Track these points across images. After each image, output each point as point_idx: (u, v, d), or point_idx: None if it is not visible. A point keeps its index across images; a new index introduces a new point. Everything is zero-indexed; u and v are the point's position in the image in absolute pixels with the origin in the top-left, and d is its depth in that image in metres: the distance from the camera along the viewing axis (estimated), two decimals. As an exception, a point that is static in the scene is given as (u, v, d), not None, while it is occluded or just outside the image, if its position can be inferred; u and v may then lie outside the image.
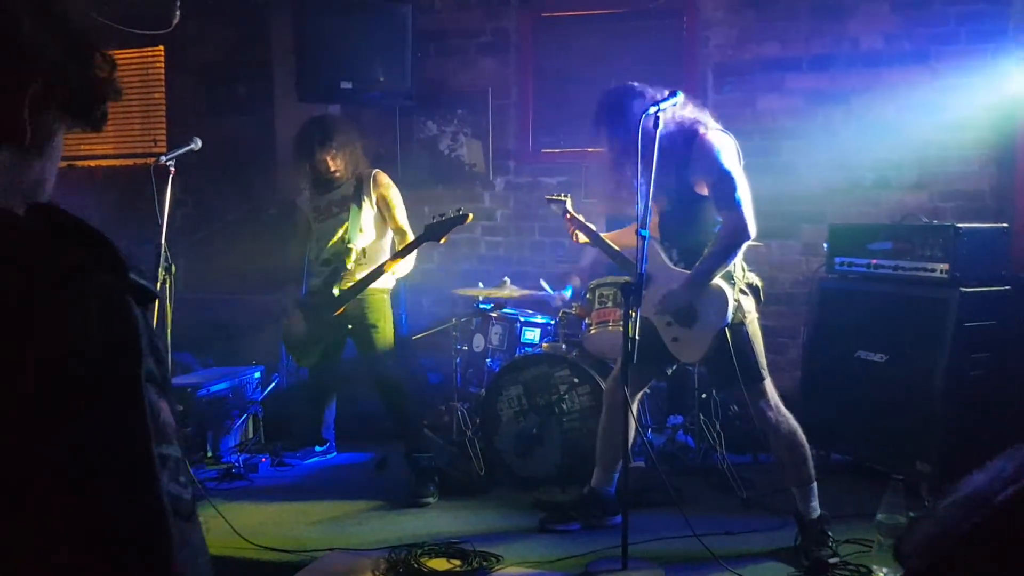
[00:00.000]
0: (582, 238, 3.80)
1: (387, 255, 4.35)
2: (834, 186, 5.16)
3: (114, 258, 0.76)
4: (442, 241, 4.12)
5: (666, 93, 3.27)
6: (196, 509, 0.78)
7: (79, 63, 0.85)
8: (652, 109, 3.13)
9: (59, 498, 0.69)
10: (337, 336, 4.44)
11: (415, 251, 4.24)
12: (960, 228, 3.94)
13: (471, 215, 4.10)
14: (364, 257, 4.35)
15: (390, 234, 4.43)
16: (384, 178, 4.39)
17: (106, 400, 0.72)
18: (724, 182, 3.23)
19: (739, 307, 3.32)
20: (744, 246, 3.29)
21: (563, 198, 3.86)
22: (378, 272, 4.21)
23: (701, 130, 3.29)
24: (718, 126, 3.37)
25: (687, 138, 3.29)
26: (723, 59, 5.38)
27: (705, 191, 3.31)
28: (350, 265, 4.32)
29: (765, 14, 5.30)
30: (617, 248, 3.74)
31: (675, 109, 3.30)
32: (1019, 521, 0.69)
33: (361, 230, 4.34)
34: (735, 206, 3.21)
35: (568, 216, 3.83)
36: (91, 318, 0.71)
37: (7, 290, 0.71)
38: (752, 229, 3.23)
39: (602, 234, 3.81)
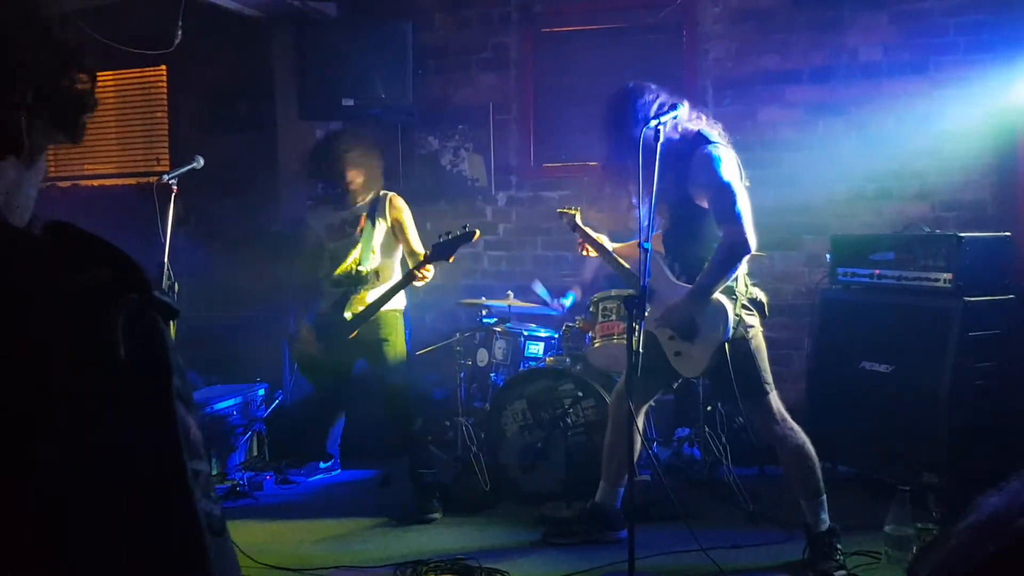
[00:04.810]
0: (591, 251, 3.79)
1: (398, 276, 4.37)
2: (836, 197, 5.16)
3: (138, 276, 0.76)
4: (451, 260, 4.14)
5: (671, 102, 3.29)
6: (226, 525, 0.78)
7: (65, 75, 0.85)
8: (652, 123, 3.13)
9: (97, 515, 0.69)
10: (348, 356, 4.44)
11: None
12: (963, 237, 3.93)
13: (478, 232, 4.10)
14: (376, 279, 4.35)
15: (399, 255, 4.44)
16: (400, 201, 4.40)
17: (139, 416, 0.72)
18: (723, 195, 3.22)
19: (741, 322, 3.30)
20: (745, 260, 3.27)
21: (573, 211, 3.86)
22: (388, 295, 4.23)
23: (702, 143, 3.29)
24: (722, 139, 3.37)
25: (688, 149, 3.29)
26: (723, 72, 5.40)
27: (705, 204, 3.30)
28: (361, 288, 4.32)
29: (764, 27, 5.32)
30: (624, 262, 3.73)
31: (680, 119, 3.31)
32: None
33: (373, 251, 4.35)
34: (735, 219, 3.20)
35: (577, 229, 3.82)
36: (120, 335, 0.72)
37: (36, 312, 0.71)
38: (752, 242, 3.21)
39: (609, 247, 3.80)
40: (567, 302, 4.77)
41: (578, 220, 3.82)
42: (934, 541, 0.77)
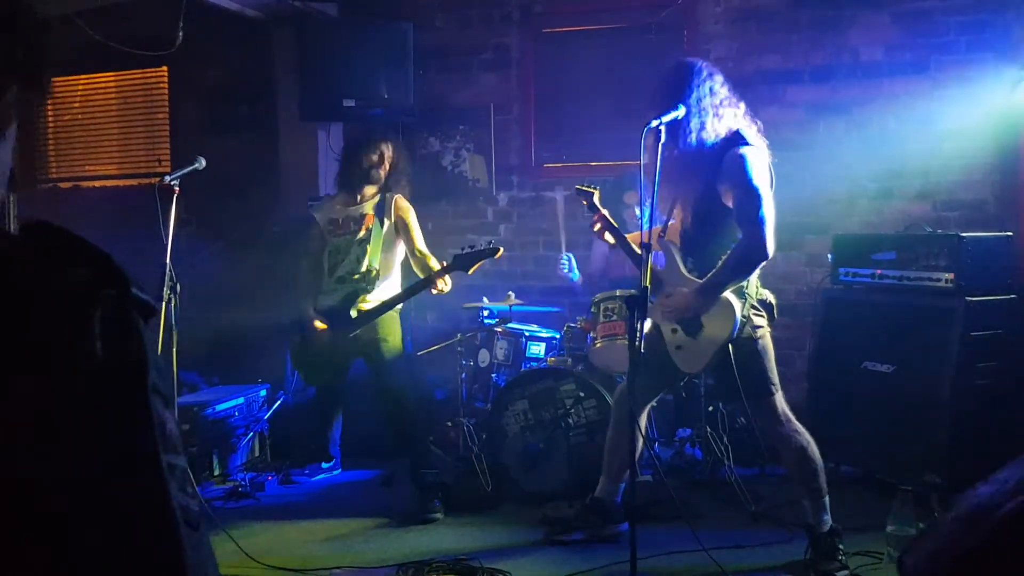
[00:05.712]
0: (608, 236, 3.72)
1: (397, 275, 4.43)
2: (837, 197, 5.16)
3: (116, 273, 0.76)
4: (470, 272, 4.17)
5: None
6: (203, 519, 0.78)
7: (23, 40, 0.83)
8: (654, 123, 3.12)
9: (71, 510, 0.69)
10: (348, 355, 4.45)
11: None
12: (964, 237, 3.93)
13: (501, 250, 4.14)
14: (380, 278, 4.37)
15: (399, 255, 4.45)
16: (404, 202, 4.45)
17: (115, 411, 0.72)
18: (749, 197, 3.19)
19: (748, 322, 3.29)
20: (760, 265, 3.24)
21: (592, 190, 3.76)
22: (399, 299, 4.30)
23: (739, 142, 3.27)
24: (759, 140, 3.34)
25: (723, 146, 3.27)
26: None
27: (731, 203, 3.27)
28: (369, 287, 4.34)
29: (765, 27, 5.31)
30: (637, 248, 3.68)
31: (725, 118, 3.29)
32: (1019, 537, 0.68)
33: (380, 252, 4.37)
34: (757, 223, 3.17)
35: (595, 209, 3.75)
36: (97, 333, 0.72)
37: (12, 310, 0.71)
38: (770, 249, 3.17)
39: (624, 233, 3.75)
40: (569, 267, 4.79)
41: (596, 200, 3.76)
42: (924, 532, 0.77)
